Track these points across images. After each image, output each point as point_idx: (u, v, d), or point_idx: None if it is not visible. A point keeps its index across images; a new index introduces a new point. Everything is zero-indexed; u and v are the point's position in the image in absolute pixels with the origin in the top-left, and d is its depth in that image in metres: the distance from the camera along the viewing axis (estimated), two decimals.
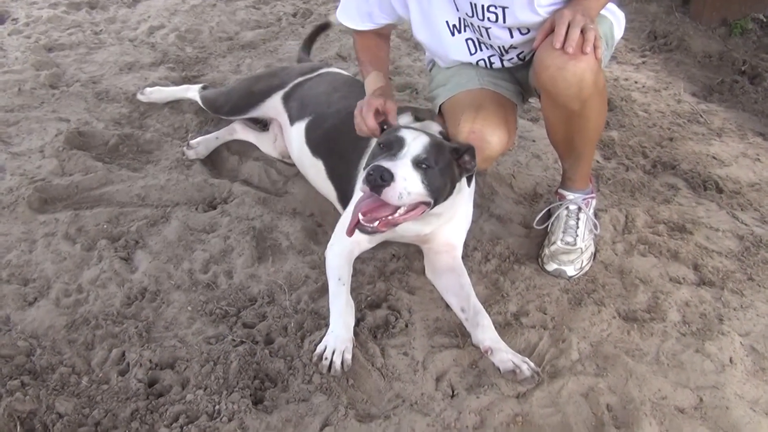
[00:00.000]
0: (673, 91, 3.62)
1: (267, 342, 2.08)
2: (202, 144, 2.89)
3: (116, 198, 2.62)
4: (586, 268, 2.38)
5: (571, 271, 2.34)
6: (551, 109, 2.15)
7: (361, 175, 2.01)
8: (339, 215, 2.44)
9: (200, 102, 3.03)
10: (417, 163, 1.95)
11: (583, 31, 1.88)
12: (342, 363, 1.96)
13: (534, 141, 3.08)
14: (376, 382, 1.98)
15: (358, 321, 2.14)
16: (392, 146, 2.00)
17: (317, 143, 2.54)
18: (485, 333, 2.06)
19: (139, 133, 2.98)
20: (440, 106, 2.37)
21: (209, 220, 2.52)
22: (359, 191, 2.05)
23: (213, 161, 2.90)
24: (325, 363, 1.96)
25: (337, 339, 2.00)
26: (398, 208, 1.95)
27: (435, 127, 2.19)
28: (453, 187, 2.08)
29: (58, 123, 3.02)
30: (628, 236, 2.54)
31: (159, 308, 2.19)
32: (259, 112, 2.86)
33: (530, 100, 2.60)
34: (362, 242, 2.28)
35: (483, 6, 2.07)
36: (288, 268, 2.34)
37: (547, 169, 2.91)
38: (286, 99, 2.77)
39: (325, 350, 1.98)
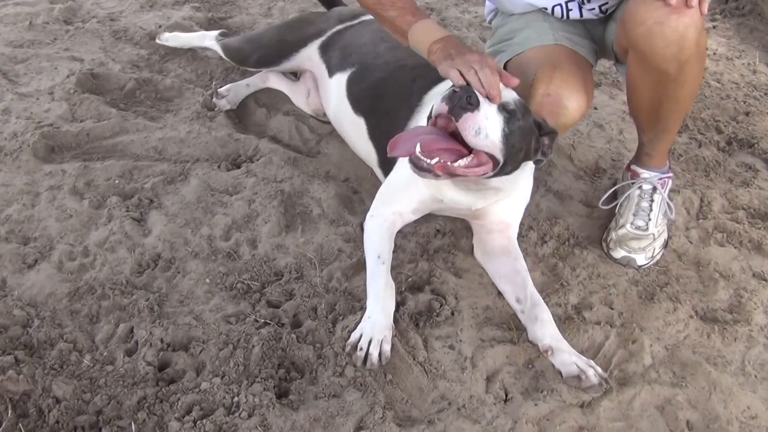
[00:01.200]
0: (747, 60, 3.27)
1: (294, 325, 1.83)
2: (231, 91, 2.60)
3: (130, 149, 2.35)
4: (658, 257, 2.10)
5: (641, 259, 2.06)
6: (640, 71, 1.84)
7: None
8: (378, 182, 2.16)
9: (221, 52, 2.70)
10: (503, 109, 1.64)
11: None
12: (380, 355, 1.70)
13: (596, 108, 2.75)
14: (418, 379, 1.72)
15: (398, 305, 1.88)
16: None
17: (359, 98, 2.24)
18: (545, 329, 1.79)
19: (159, 78, 2.70)
20: (505, 63, 2.06)
21: (233, 180, 2.25)
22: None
23: (238, 114, 2.61)
24: (360, 354, 1.70)
25: (375, 326, 1.74)
26: (461, 157, 1.64)
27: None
28: (522, 161, 1.77)
29: (71, 63, 2.74)
30: (704, 222, 2.24)
31: (173, 279, 1.94)
32: (292, 63, 2.55)
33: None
34: (405, 214, 2.01)
35: None
36: (319, 239, 2.07)
37: (610, 141, 2.59)
38: (323, 49, 2.46)
39: (360, 339, 1.72)
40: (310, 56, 2.49)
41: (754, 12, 3.69)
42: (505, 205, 1.98)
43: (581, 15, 2.00)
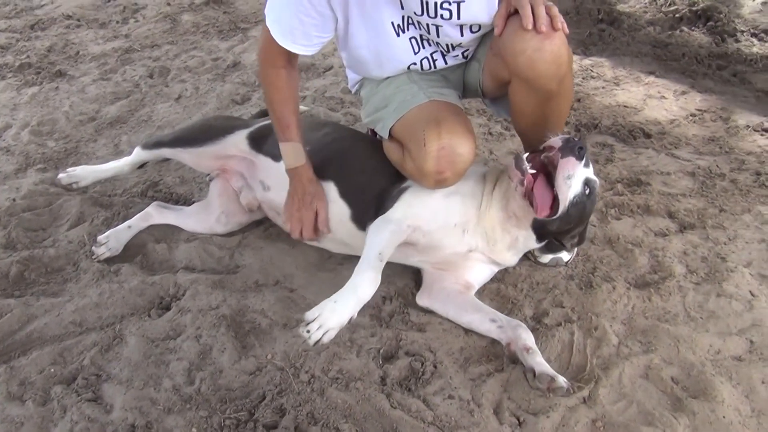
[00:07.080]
0: None
1: None
2: (111, 237, 2.53)
3: (48, 333, 2.22)
4: (576, 248, 2.33)
5: (565, 256, 2.28)
6: (527, 94, 2.06)
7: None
8: (310, 273, 2.22)
9: (141, 152, 2.71)
10: (588, 182, 1.96)
11: (546, 9, 1.82)
12: (317, 342, 1.90)
13: None
14: None
15: (383, 379, 1.94)
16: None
17: (323, 166, 2.32)
18: (528, 334, 1.97)
19: (41, 252, 2.56)
20: (391, 129, 2.21)
21: (170, 324, 2.20)
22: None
23: (140, 259, 2.55)
24: (305, 335, 1.90)
25: (334, 315, 1.91)
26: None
27: None
28: (564, 241, 2.12)
29: None
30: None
31: None
32: (216, 147, 2.55)
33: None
34: (421, 226, 2.12)
35: (436, 3, 1.95)
36: (281, 346, 2.08)
37: (486, 163, 2.83)
38: (254, 139, 2.52)
39: (315, 320, 1.90)
40: (236, 144, 2.53)
41: None
42: (483, 268, 2.19)
43: (446, 63, 2.20)
